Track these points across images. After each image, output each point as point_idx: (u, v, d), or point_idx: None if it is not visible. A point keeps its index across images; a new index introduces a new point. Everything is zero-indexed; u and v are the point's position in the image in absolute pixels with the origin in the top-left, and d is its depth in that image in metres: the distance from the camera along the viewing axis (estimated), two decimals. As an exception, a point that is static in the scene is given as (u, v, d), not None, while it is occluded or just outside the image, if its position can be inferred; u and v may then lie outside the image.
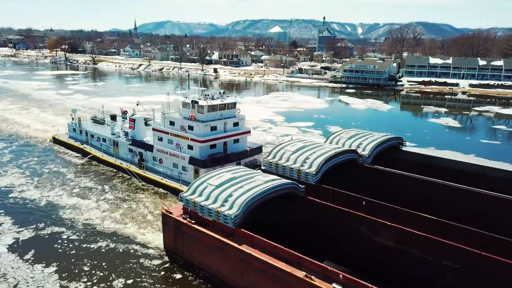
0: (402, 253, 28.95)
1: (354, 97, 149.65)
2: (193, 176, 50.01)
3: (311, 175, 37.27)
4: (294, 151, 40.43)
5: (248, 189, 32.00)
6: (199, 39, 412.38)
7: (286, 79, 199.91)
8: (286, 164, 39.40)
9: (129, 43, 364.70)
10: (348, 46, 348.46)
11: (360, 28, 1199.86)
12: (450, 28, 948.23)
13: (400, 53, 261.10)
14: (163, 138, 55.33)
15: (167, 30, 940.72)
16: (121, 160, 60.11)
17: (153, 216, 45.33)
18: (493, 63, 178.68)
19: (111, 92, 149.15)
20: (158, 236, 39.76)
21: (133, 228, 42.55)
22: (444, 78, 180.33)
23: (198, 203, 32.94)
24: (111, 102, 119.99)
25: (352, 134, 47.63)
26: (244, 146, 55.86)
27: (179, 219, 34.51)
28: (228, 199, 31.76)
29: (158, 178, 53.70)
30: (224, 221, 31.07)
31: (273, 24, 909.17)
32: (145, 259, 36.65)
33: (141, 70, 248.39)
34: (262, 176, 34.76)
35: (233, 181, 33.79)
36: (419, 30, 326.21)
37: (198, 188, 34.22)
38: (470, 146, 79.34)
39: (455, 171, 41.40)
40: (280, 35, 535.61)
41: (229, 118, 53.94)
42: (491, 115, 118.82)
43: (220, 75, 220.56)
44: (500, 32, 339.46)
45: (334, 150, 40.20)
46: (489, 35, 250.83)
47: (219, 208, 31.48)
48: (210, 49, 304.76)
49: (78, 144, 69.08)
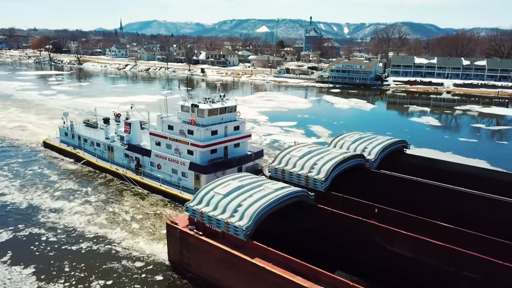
0: (418, 263, 27.89)
1: (338, 96, 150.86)
2: (194, 182, 48.98)
3: (320, 182, 35.73)
4: (300, 157, 38.85)
5: (258, 198, 30.41)
6: (186, 39, 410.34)
7: (274, 79, 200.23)
8: (293, 170, 37.77)
9: (115, 43, 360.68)
10: (334, 46, 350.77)
11: (346, 28, 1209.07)
12: (434, 28, 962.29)
13: (386, 53, 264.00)
14: (161, 142, 53.29)
15: (153, 30, 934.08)
16: (117, 166, 57.88)
17: (154, 225, 43.37)
18: (476, 63, 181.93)
19: (95, 92, 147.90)
20: (160, 247, 38.20)
21: (135, 239, 40.51)
22: (429, 77, 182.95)
23: (206, 214, 31.15)
24: (94, 103, 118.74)
25: (356, 138, 46.41)
26: (245, 150, 54.33)
27: (185, 230, 32.66)
28: (237, 209, 30.08)
29: (156, 184, 51.61)
30: (234, 232, 29.37)
31: (260, 24, 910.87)
32: (148, 272, 34.97)
33: (127, 70, 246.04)
34: (271, 183, 33.22)
35: (241, 189, 32.11)
36: (405, 30, 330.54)
37: (205, 198, 32.39)
38: (448, 144, 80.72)
39: (460, 175, 40.39)
40: (267, 35, 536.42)
41: (229, 121, 52.27)
42: (472, 114, 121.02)
43: (208, 75, 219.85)
44: (483, 32, 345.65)
45: (342, 155, 38.77)
46: (473, 35, 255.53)
47: (228, 219, 29.75)
48: (197, 49, 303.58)
49: (71, 149, 66.29)
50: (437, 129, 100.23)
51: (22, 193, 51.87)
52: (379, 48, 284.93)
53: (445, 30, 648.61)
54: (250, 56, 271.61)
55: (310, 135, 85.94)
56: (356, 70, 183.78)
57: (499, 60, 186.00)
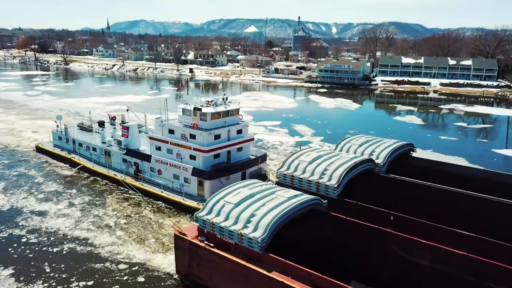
0: (437, 273, 26.87)
1: (325, 96, 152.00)
2: (197, 189, 47.67)
3: (332, 188, 34.28)
4: (310, 162, 37.40)
5: (272, 208, 28.95)
6: (174, 39, 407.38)
7: (263, 79, 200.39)
8: (303, 177, 36.28)
9: (102, 42, 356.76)
10: (323, 45, 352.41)
11: (334, 27, 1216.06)
12: (421, 28, 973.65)
13: (373, 53, 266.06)
14: (161, 147, 51.56)
15: (141, 30, 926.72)
16: (115, 171, 55.89)
17: (158, 235, 41.51)
18: (462, 62, 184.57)
19: (80, 92, 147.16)
20: (165, 258, 36.86)
21: (138, 249, 38.76)
22: (416, 77, 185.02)
23: (217, 224, 29.57)
24: (79, 103, 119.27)
25: (363, 141, 45.39)
26: (248, 154, 53.02)
27: (195, 241, 30.96)
28: (251, 220, 28.58)
29: (157, 191, 49.67)
30: (248, 244, 27.91)
31: (249, 24, 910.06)
32: (154, 285, 33.47)
33: (115, 71, 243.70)
34: (283, 191, 31.75)
35: (253, 198, 30.58)
36: (392, 30, 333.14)
37: (215, 207, 30.80)
38: (428, 142, 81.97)
39: (470, 179, 39.11)
40: (255, 34, 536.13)
41: (232, 125, 50.77)
42: (456, 113, 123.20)
43: (196, 75, 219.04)
44: (468, 32, 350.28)
45: (353, 160, 37.36)
46: (458, 35, 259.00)
47: (242, 230, 28.29)
48: (185, 49, 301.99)
49: (65, 153, 63.84)
50: (419, 127, 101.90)
51: (19, 200, 49.93)
52: (367, 48, 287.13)
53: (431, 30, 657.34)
54: (239, 56, 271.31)
55: (294, 134, 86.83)
56: (344, 70, 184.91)
57: (484, 60, 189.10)
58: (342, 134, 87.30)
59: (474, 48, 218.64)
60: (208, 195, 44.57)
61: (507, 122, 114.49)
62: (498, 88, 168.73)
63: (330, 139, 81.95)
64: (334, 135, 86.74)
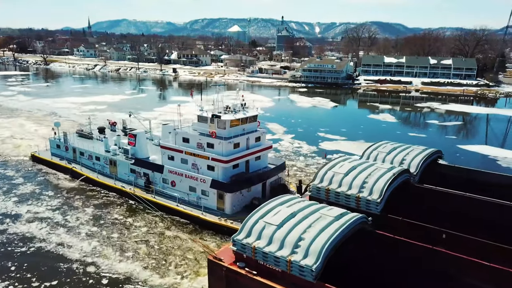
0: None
1: (304, 95, 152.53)
2: (216, 202, 44.29)
3: (374, 204, 31.34)
4: (345, 174, 34.54)
5: (321, 230, 26.04)
6: (157, 38, 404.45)
7: (247, 79, 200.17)
8: (340, 190, 33.36)
9: (83, 42, 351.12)
10: (306, 45, 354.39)
11: (317, 27, 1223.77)
12: (402, 27, 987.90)
13: (356, 52, 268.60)
14: (174, 157, 47.82)
15: (123, 29, 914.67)
16: (122, 183, 51.79)
17: (180, 258, 37.65)
18: (442, 62, 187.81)
19: (57, 92, 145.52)
20: (195, 284, 33.91)
21: (164, 276, 35.04)
22: (399, 76, 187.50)
23: (260, 249, 26.24)
24: (54, 103, 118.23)
25: (390, 149, 42.62)
26: (265, 162, 50.02)
27: (234, 268, 27.59)
28: (299, 244, 25.45)
29: (172, 204, 45.83)
30: (299, 273, 24.80)
31: (232, 23, 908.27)
32: None
33: (96, 71, 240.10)
34: (326, 209, 28.94)
35: (296, 218, 27.52)
36: (374, 29, 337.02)
37: (254, 229, 27.54)
38: (396, 139, 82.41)
39: (502, 187, 36.37)
40: (239, 34, 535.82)
41: (251, 132, 47.36)
42: (430, 111, 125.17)
43: (180, 75, 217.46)
44: (448, 31, 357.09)
45: (391, 171, 34.47)
46: (439, 34, 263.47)
47: (291, 257, 25.10)
48: (168, 49, 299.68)
49: (65, 163, 59.02)
50: (392, 125, 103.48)
51: (21, 221, 45.06)
52: (349, 48, 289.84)
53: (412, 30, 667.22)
54: (223, 55, 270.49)
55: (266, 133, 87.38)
56: (328, 70, 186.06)
57: (463, 59, 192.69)
58: (313, 132, 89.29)
59: (454, 47, 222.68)
60: (229, 209, 43.14)
61: (478, 119, 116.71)
62: (477, 87, 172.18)
63: (301, 137, 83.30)
64: (305, 133, 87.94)
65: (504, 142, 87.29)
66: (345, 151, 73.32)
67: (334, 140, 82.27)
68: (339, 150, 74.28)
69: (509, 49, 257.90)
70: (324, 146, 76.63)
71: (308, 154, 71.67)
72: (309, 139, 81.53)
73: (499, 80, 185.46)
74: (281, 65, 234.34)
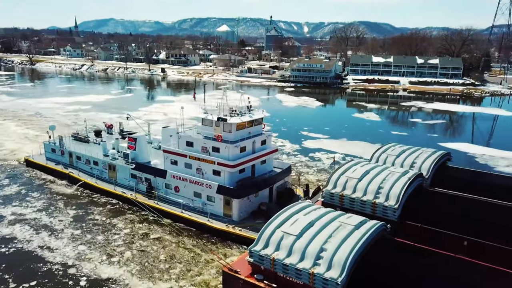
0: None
1: (290, 95, 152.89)
2: (223, 208, 42.67)
3: (391, 210, 30.15)
4: (359, 179, 33.39)
5: (343, 240, 25.00)
6: (145, 38, 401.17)
7: (236, 79, 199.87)
8: (355, 196, 32.27)
9: (69, 42, 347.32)
10: (295, 45, 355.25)
11: (306, 27, 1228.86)
12: (390, 27, 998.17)
13: (345, 52, 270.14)
14: (178, 161, 46.13)
15: (110, 28, 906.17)
16: (123, 188, 49.89)
17: (193, 270, 35.38)
18: (429, 61, 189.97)
19: (42, 93, 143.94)
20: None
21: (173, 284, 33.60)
22: (386, 76, 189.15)
23: (280, 261, 24.94)
24: (38, 104, 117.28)
25: (399, 152, 41.59)
26: (271, 166, 48.64)
27: (252, 281, 26.21)
28: (321, 255, 24.34)
29: (176, 211, 44.07)
30: (323, 286, 23.82)
31: (221, 23, 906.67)
32: None
33: (83, 71, 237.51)
34: (345, 217, 27.95)
35: (315, 227, 26.46)
36: (362, 29, 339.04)
37: (272, 239, 26.25)
38: (379, 137, 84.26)
39: None
40: (228, 33, 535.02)
41: (257, 136, 45.98)
42: (414, 110, 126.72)
43: (168, 74, 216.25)
44: (435, 31, 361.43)
45: (406, 175, 33.56)
46: (426, 34, 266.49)
47: (313, 269, 23.87)
48: (157, 48, 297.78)
49: (61, 168, 56.79)
50: (376, 123, 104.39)
51: (15, 226, 42.86)
52: (338, 47, 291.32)
53: (400, 29, 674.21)
54: (212, 55, 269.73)
55: None
56: (316, 69, 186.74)
57: (450, 58, 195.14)
58: (297, 130, 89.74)
59: (440, 47, 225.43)
60: (237, 215, 41.83)
61: (462, 118, 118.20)
62: (464, 86, 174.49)
63: (284, 135, 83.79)
64: (288, 132, 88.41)
65: (488, 140, 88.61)
66: (326, 149, 74.12)
67: (317, 139, 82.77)
68: (321, 148, 74.94)
69: (494, 49, 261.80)
70: (306, 145, 76.96)
71: (291, 153, 71.94)
72: (292, 138, 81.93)
73: (484, 79, 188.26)
74: (270, 64, 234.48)
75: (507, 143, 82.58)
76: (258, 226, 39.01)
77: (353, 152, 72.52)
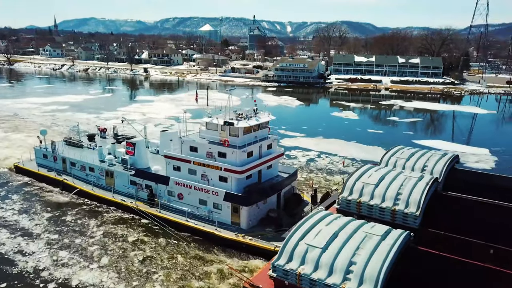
0: None
1: (272, 94, 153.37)
2: (231, 216, 40.95)
3: (412, 217, 28.98)
4: (376, 185, 32.15)
5: (371, 252, 23.70)
6: (126, 37, 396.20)
7: (220, 78, 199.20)
8: (373, 203, 31.04)
9: (49, 41, 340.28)
10: (278, 44, 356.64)
11: (289, 26, 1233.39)
12: (372, 27, 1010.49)
13: (327, 52, 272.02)
14: (181, 167, 44.04)
15: (91, 28, 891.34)
16: (122, 196, 47.72)
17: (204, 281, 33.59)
18: (410, 60, 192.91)
19: (19, 93, 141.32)
20: None
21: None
22: (369, 75, 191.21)
23: (307, 277, 23.36)
24: (14, 104, 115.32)
25: (409, 154, 40.49)
26: (276, 171, 47.01)
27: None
28: (351, 269, 23.01)
29: (181, 219, 42.10)
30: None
31: (203, 22, 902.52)
32: None
33: (64, 71, 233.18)
34: (368, 226, 26.83)
35: (340, 238, 25.17)
36: (344, 29, 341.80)
37: (296, 252, 24.76)
38: (355, 135, 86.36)
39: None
40: (211, 33, 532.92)
41: (263, 140, 44.38)
42: (398, 109, 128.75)
43: (151, 74, 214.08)
44: (416, 31, 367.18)
45: (423, 180, 32.48)
46: (406, 34, 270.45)
47: (344, 284, 22.70)
48: (139, 48, 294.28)
49: (54, 175, 54.17)
50: (353, 122, 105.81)
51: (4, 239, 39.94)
52: (321, 47, 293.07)
53: (381, 29, 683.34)
54: (195, 55, 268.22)
55: None
56: (300, 69, 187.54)
57: (430, 58, 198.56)
58: (274, 129, 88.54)
59: (421, 46, 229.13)
60: (245, 223, 40.34)
61: (440, 116, 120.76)
62: (444, 85, 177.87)
63: None
64: None
65: (462, 138, 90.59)
66: (302, 147, 74.83)
67: (294, 137, 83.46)
68: (298, 146, 75.74)
69: (472, 48, 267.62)
70: (283, 143, 77.03)
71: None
72: None
73: (463, 78, 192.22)
74: (253, 64, 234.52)
75: (479, 140, 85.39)
76: (268, 235, 38.51)
77: (328, 149, 73.91)
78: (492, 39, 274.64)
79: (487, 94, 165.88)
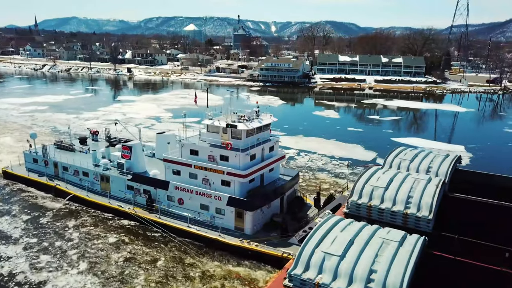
0: None
1: (255, 94, 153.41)
2: (234, 221, 39.78)
3: (424, 221, 28.34)
4: (386, 188, 31.39)
5: (391, 260, 22.96)
6: (109, 37, 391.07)
7: (204, 78, 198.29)
8: (384, 207, 30.29)
9: (29, 41, 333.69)
10: (263, 44, 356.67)
11: (273, 26, 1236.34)
12: (355, 26, 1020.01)
13: (312, 51, 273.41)
14: (181, 171, 42.71)
15: (73, 27, 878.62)
16: (118, 201, 45.93)
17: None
18: (393, 60, 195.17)
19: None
20: None
21: None
22: (353, 74, 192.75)
23: (326, 286, 22.60)
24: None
25: (412, 156, 39.83)
26: (278, 174, 46.11)
27: None
28: (372, 278, 22.16)
29: (182, 225, 40.68)
30: None
31: (188, 22, 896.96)
32: None
33: (45, 71, 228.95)
34: (384, 232, 25.94)
35: (356, 245, 24.30)
36: (328, 28, 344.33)
37: (313, 261, 23.72)
38: (334, 133, 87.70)
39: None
40: (195, 33, 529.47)
41: (265, 142, 43.31)
42: (379, 107, 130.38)
43: (135, 74, 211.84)
44: (398, 31, 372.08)
45: (432, 182, 31.93)
46: (389, 34, 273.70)
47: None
48: (122, 48, 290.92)
49: (46, 180, 51.97)
50: (334, 120, 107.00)
51: None
52: (305, 47, 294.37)
53: (365, 29, 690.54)
54: (179, 54, 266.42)
55: None
56: (285, 69, 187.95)
57: (413, 57, 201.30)
58: None
59: (403, 46, 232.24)
60: (250, 229, 39.30)
61: (421, 114, 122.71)
62: (426, 84, 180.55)
63: None
64: None
65: (440, 135, 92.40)
66: (282, 146, 73.93)
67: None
68: None
69: (453, 48, 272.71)
70: None
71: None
72: None
73: (445, 77, 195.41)
74: (238, 64, 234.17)
75: (457, 138, 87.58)
76: (274, 240, 37.80)
77: (308, 147, 74.70)
78: (472, 39, 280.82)
79: (468, 93, 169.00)
